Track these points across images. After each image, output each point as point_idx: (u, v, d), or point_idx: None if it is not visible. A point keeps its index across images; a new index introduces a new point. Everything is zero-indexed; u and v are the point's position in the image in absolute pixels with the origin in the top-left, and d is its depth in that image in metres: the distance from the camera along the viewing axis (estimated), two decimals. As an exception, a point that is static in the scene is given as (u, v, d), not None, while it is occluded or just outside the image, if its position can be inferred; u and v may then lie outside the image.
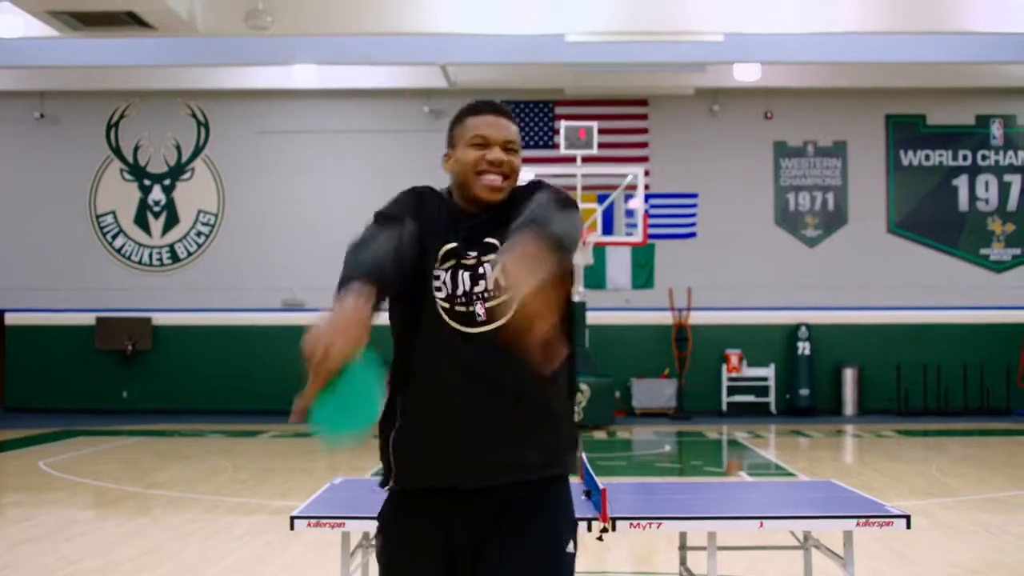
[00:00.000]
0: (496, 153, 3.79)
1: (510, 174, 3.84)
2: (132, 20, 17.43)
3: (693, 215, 25.00)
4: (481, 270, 3.72)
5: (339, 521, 5.80)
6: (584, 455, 7.29)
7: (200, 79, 24.18)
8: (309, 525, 5.80)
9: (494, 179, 3.78)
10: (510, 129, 3.87)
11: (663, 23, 19.34)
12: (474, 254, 3.73)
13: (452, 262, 3.71)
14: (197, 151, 25.24)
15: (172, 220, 25.31)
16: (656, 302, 24.65)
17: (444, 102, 24.60)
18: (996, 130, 25.34)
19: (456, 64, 22.52)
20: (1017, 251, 25.12)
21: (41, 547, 10.12)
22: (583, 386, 20.87)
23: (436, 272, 3.70)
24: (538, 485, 3.74)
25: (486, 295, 3.69)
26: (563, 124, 22.31)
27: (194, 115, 25.25)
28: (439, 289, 3.68)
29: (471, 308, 3.67)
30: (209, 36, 19.05)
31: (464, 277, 3.70)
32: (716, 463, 17.85)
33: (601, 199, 22.63)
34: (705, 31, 19.70)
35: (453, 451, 3.61)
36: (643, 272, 24.85)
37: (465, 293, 3.68)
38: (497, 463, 3.63)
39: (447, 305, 3.67)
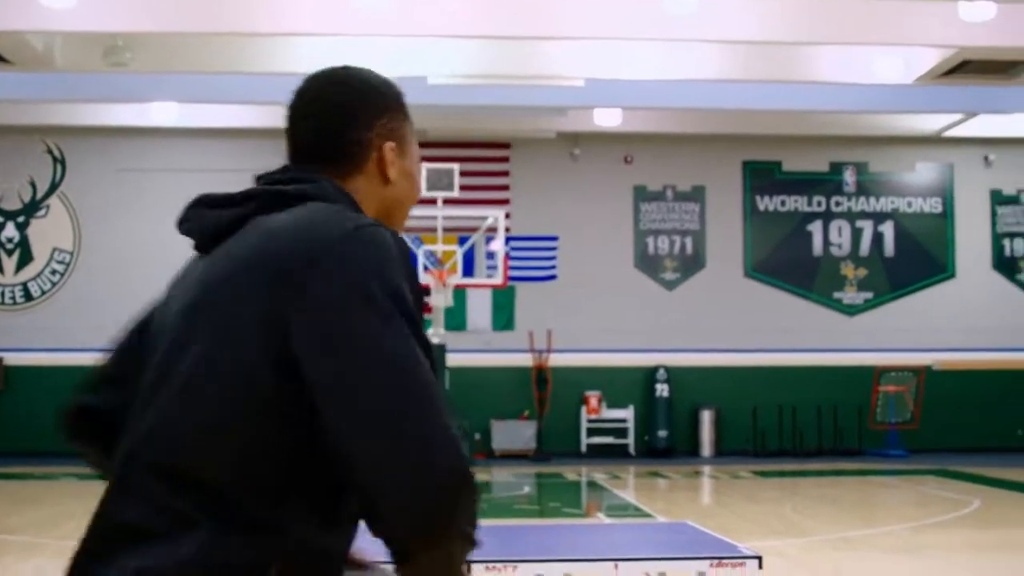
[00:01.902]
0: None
1: None
2: (-13, 55, 17.16)
3: (553, 257, 25.15)
4: None
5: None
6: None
7: (57, 115, 23.79)
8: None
9: None
10: None
11: (525, 67, 19.49)
12: None
13: None
14: (53, 188, 24.81)
15: (26, 258, 24.83)
16: (516, 344, 24.71)
17: (306, 142, 24.47)
18: (849, 177, 25.88)
19: (318, 104, 22.46)
20: (869, 295, 25.65)
21: None
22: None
23: None
24: None
25: None
26: (425, 166, 22.34)
27: (50, 151, 24.82)
28: None
29: None
30: (67, 72, 18.79)
31: None
32: (575, 504, 17.93)
33: (462, 241, 22.67)
34: (566, 76, 19.91)
35: None
36: (503, 314, 24.92)
37: None
38: None
39: None
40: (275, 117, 19.47)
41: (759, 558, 5.99)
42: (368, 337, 2.08)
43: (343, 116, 2.54)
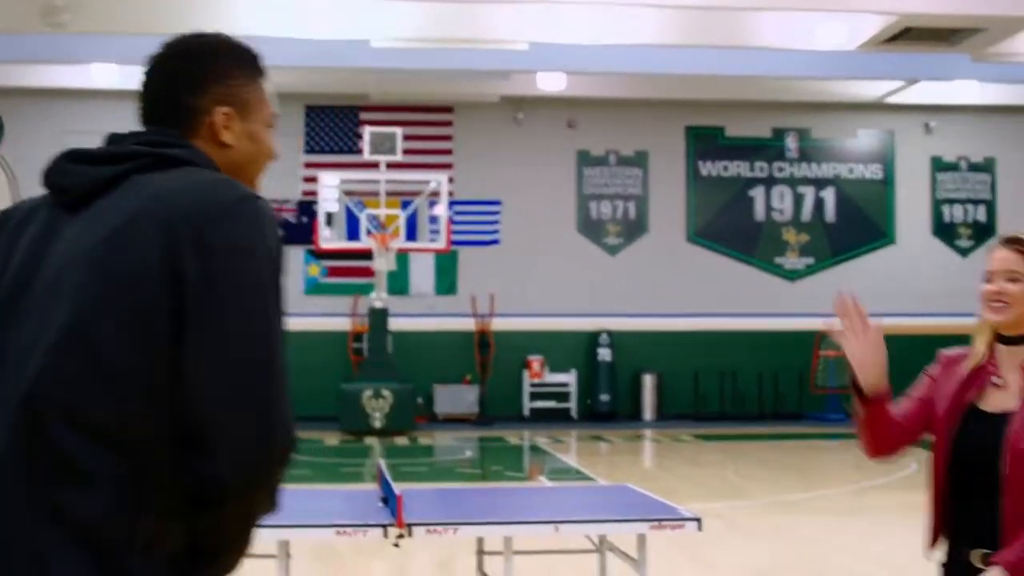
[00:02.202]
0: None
1: None
2: (-77, 14, 16.90)
3: (496, 222, 25.12)
4: None
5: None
6: (382, 462, 7.29)
7: (-6, 76, 23.55)
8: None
9: None
10: None
11: (469, 31, 19.41)
12: None
13: None
14: (-9, 150, 24.57)
15: (-36, 221, 24.55)
16: (459, 308, 24.68)
17: (248, 105, 24.34)
18: (791, 143, 25.99)
19: (260, 67, 22.28)
20: (810, 260, 25.80)
21: None
22: (385, 392, 20.85)
23: None
24: None
25: None
26: (368, 130, 22.26)
27: (-12, 113, 24.58)
28: None
29: None
30: (4, 32, 18.55)
31: None
32: (517, 468, 17.99)
33: (405, 205, 22.62)
34: (510, 40, 19.85)
35: None
36: (446, 278, 24.88)
37: None
38: None
39: None
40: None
41: (698, 520, 6.03)
42: (252, 298, 2.26)
43: (176, 82, 2.61)
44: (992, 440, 3.74)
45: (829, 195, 26.01)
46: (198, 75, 2.61)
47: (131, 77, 20.40)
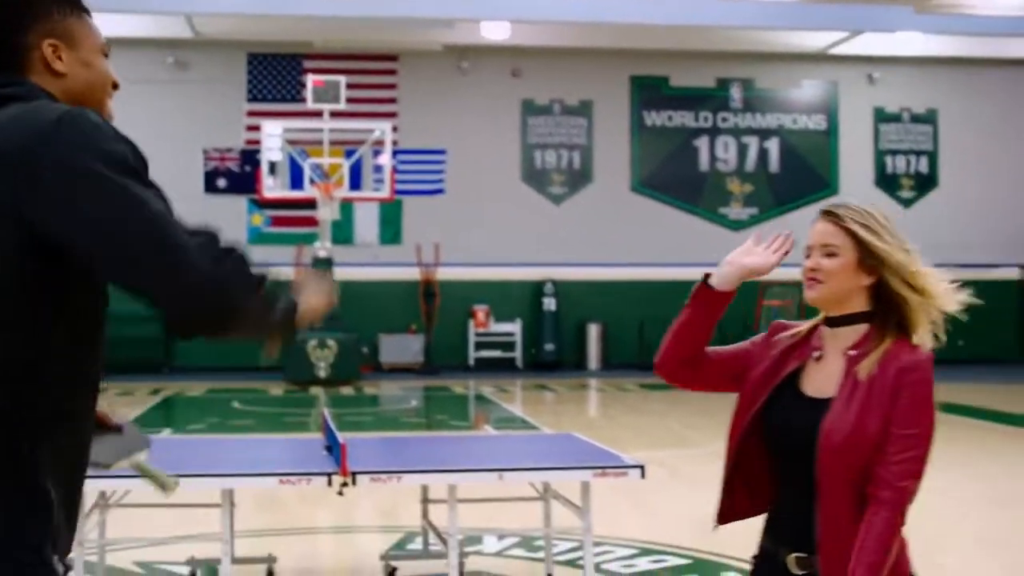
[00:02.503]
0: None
1: None
2: None
3: (441, 171, 25.07)
4: None
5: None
6: (327, 411, 7.27)
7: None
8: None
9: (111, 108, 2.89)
10: None
11: (412, -22, 19.31)
12: None
13: None
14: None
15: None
16: (404, 257, 24.65)
17: (189, 53, 24.13)
18: (735, 93, 26.05)
19: (201, 14, 22.08)
20: (754, 210, 25.92)
21: None
22: (330, 342, 20.82)
23: None
24: None
25: None
26: (311, 78, 22.11)
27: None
28: None
29: None
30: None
31: None
32: (462, 417, 18.01)
33: (349, 154, 22.50)
34: (454, -12, 19.75)
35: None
36: (391, 228, 24.82)
37: None
38: None
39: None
40: (157, 27, 18.94)
41: (642, 467, 6.06)
42: (102, 198, 2.41)
43: (2, 25, 2.72)
44: (804, 425, 3.43)
45: (773, 145, 26.11)
46: (20, 15, 2.72)
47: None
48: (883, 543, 3.32)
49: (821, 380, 3.51)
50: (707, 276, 3.88)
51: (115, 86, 2.88)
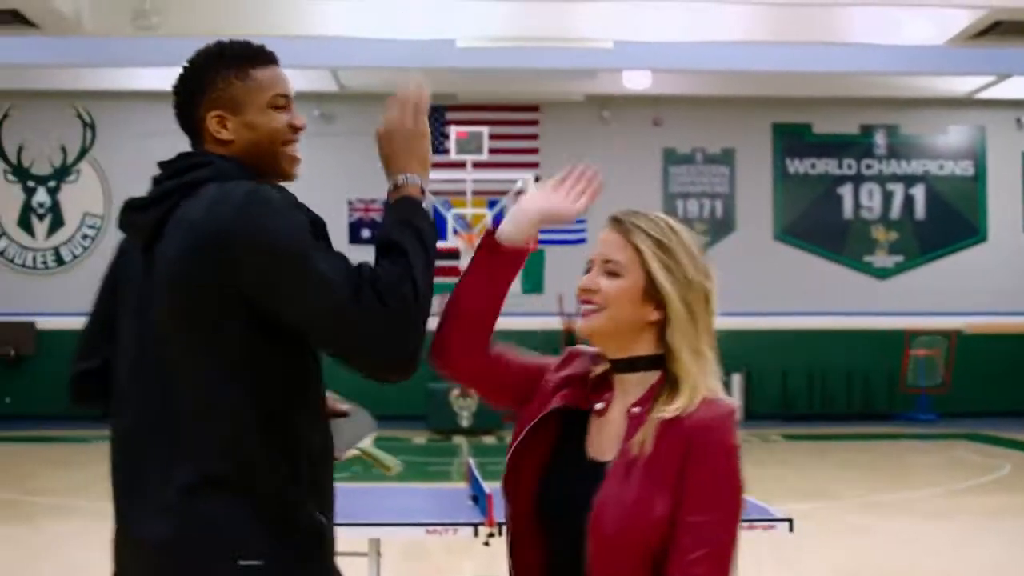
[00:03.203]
0: (300, 116, 3.12)
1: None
2: (15, 19, 17.13)
3: (583, 221, 25.06)
4: None
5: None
6: (471, 460, 7.30)
7: (86, 80, 23.83)
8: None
9: (297, 150, 3.09)
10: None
11: (554, 30, 19.41)
12: None
13: None
14: (83, 153, 24.90)
15: (57, 222, 24.94)
16: (546, 307, 24.66)
17: (334, 106, 24.50)
18: (880, 140, 25.75)
19: (347, 68, 22.41)
20: (900, 258, 25.54)
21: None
22: (473, 391, 20.87)
23: None
24: None
25: None
26: (454, 129, 22.31)
27: (80, 116, 24.90)
28: None
29: None
30: (95, 36, 18.79)
31: None
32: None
33: (491, 204, 22.66)
34: (596, 38, 19.82)
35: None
36: (533, 277, 24.88)
37: None
38: None
39: None
40: (304, 80, 19.42)
41: (790, 521, 5.99)
42: (283, 274, 2.69)
43: (181, 103, 3.09)
44: (578, 495, 2.57)
45: (919, 192, 25.74)
46: (190, 93, 3.04)
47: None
48: None
49: (604, 439, 2.66)
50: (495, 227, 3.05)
51: (296, 128, 3.06)
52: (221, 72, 3.02)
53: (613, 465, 2.56)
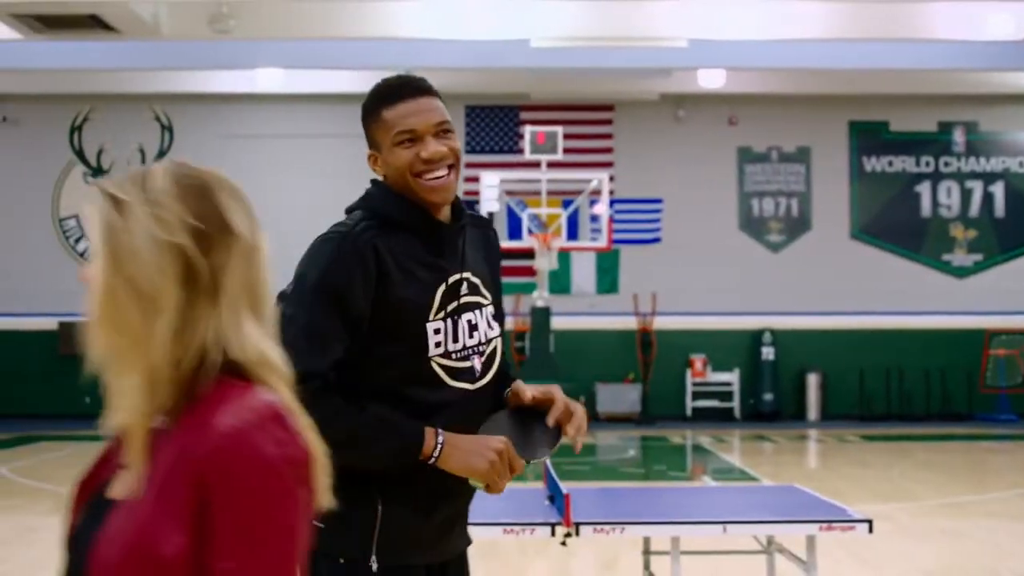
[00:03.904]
0: (432, 147, 3.19)
1: (455, 162, 3.23)
2: (95, 23, 17.33)
3: (658, 220, 25.03)
4: (472, 317, 3.29)
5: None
6: (548, 461, 7.29)
7: (164, 83, 24.07)
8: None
9: (439, 176, 3.20)
10: (438, 109, 3.26)
11: (628, 29, 19.37)
12: (465, 291, 3.28)
13: (444, 311, 3.23)
14: (161, 155, 25.09)
15: (136, 224, 25.13)
16: (621, 307, 24.64)
17: (409, 107, 24.55)
18: (958, 137, 25.46)
19: (421, 68, 22.48)
20: (979, 257, 25.25)
21: (1, 554, 10.05)
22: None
23: (433, 323, 3.21)
24: None
25: (481, 348, 3.29)
26: (528, 129, 22.32)
27: (158, 119, 25.12)
28: (438, 344, 3.20)
29: (470, 363, 3.26)
30: (173, 40, 18.97)
31: (463, 325, 3.26)
32: (680, 468, 17.90)
33: (566, 204, 22.65)
34: (670, 37, 19.74)
35: (448, 523, 3.35)
36: (608, 277, 24.86)
37: (464, 347, 3.25)
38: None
39: (445, 362, 3.21)
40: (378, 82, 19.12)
41: (869, 522, 5.93)
42: (287, 294, 3.14)
43: None
44: (84, 535, 1.95)
45: (998, 190, 25.43)
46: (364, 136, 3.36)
47: (293, 81, 20.76)
48: None
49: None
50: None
51: (425, 161, 3.20)
52: (366, 117, 3.34)
53: (125, 498, 1.90)
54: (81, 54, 20.69)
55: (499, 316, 3.43)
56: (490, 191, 22.40)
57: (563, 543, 5.91)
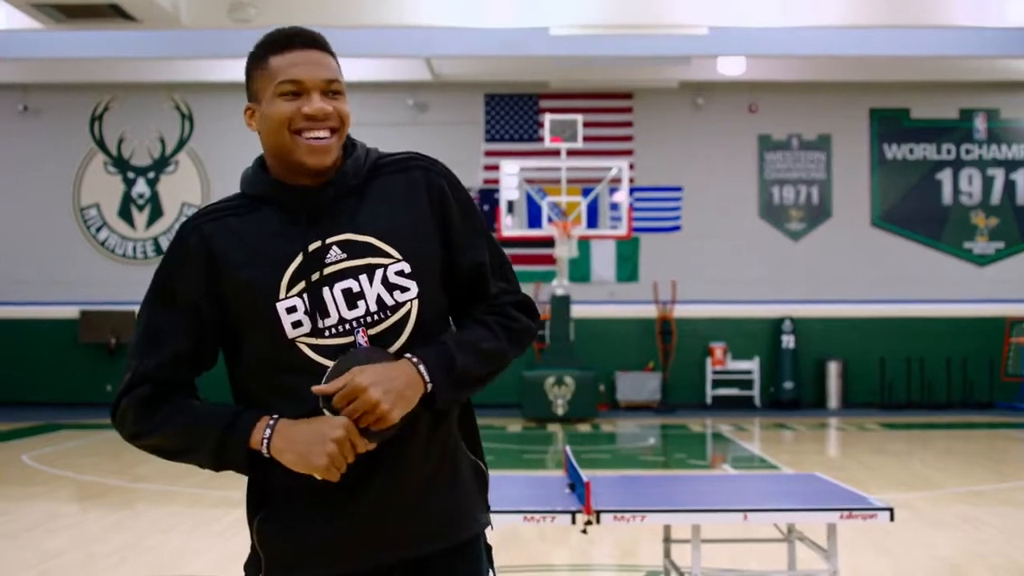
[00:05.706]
0: (317, 103, 2.87)
1: (339, 126, 2.91)
2: (115, 12, 17.37)
3: (678, 208, 25.00)
4: (354, 284, 2.86)
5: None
6: (568, 448, 7.29)
7: (184, 72, 24.13)
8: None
9: (320, 137, 2.86)
10: (330, 66, 2.96)
11: (647, 16, 19.32)
12: (336, 258, 2.87)
13: (302, 284, 2.85)
14: (181, 144, 25.18)
15: (156, 213, 25.24)
16: (641, 295, 24.64)
17: (428, 95, 24.57)
18: (980, 124, 25.37)
19: (440, 57, 22.48)
20: (1000, 245, 25.16)
21: (23, 541, 10.10)
22: (568, 379, 20.89)
23: (286, 301, 2.85)
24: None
25: (370, 319, 2.87)
26: (547, 117, 22.31)
27: (178, 108, 25.18)
28: (297, 324, 2.84)
29: (353, 338, 2.85)
30: (193, 29, 19.00)
31: (334, 296, 2.86)
32: (700, 456, 17.88)
33: (586, 192, 22.64)
34: (689, 24, 19.69)
35: (350, 530, 2.92)
36: (627, 265, 24.84)
37: (341, 320, 2.85)
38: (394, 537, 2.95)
39: (315, 341, 2.84)
40: (398, 70, 19.47)
41: (891, 510, 5.92)
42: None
43: None
44: None
45: (1020, 177, 25.33)
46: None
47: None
48: None
49: None
50: None
51: (307, 117, 2.86)
52: (248, 67, 2.98)
53: None
54: (102, 43, 20.72)
55: (426, 272, 2.96)
56: (510, 179, 22.42)
57: (584, 531, 5.92)
